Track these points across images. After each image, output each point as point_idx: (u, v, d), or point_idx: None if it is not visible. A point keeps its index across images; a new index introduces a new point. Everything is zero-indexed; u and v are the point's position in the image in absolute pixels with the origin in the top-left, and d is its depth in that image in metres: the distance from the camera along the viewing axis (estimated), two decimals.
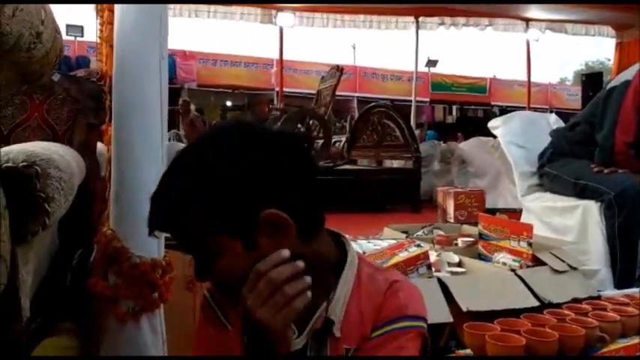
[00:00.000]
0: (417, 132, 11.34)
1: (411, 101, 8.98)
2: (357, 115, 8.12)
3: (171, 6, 7.06)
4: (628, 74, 2.41)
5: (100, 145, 1.55)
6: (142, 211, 0.99)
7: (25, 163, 0.99)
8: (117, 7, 0.98)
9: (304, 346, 0.78)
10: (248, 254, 0.72)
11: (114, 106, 0.99)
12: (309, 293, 0.69)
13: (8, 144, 1.24)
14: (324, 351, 0.78)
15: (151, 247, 0.99)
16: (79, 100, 1.61)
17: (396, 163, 6.72)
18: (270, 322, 0.67)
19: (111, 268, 0.95)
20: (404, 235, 2.42)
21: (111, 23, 1.03)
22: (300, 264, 0.69)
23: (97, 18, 1.18)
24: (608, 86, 2.48)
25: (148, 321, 0.97)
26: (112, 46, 1.01)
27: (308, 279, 0.69)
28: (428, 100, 14.92)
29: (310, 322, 0.78)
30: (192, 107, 9.47)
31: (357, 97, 13.73)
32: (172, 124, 11.31)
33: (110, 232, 0.96)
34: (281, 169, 0.74)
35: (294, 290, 0.68)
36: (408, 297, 0.82)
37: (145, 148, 0.98)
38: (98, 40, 1.15)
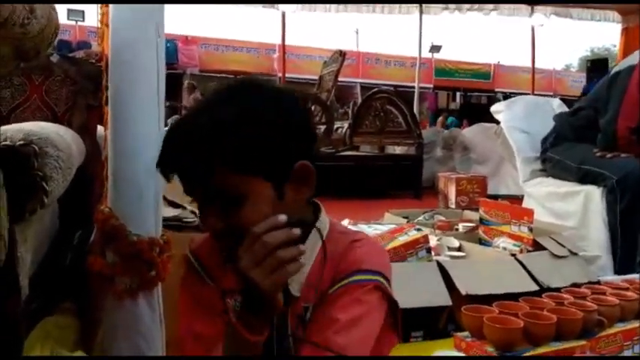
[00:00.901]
0: (439, 118, 11.33)
1: (414, 87, 8.92)
2: (359, 100, 8.07)
3: None
4: (632, 59, 2.39)
5: (100, 128, 1.55)
6: (139, 189, 1.00)
7: (22, 142, 0.99)
8: None
9: None
10: (275, 202, 0.76)
11: (110, 85, 0.98)
12: (302, 260, 0.71)
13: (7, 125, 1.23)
14: (285, 312, 0.80)
15: (149, 226, 0.99)
16: (77, 82, 1.61)
17: (398, 150, 6.71)
18: (261, 283, 0.69)
19: (109, 246, 0.95)
20: (405, 220, 2.42)
21: (108, 6, 1.02)
22: (297, 231, 0.70)
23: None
24: (613, 71, 2.47)
25: (145, 299, 0.98)
26: (107, 26, 1.00)
27: (302, 247, 0.71)
28: (431, 86, 14.83)
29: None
30: (197, 91, 9.46)
31: (360, 82, 13.66)
32: (174, 109, 11.31)
33: (107, 210, 0.96)
34: (309, 125, 0.82)
35: (287, 255, 0.69)
36: (366, 253, 0.84)
37: (143, 127, 0.97)
38: (98, 25, 1.13)
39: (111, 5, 1.01)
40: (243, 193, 0.74)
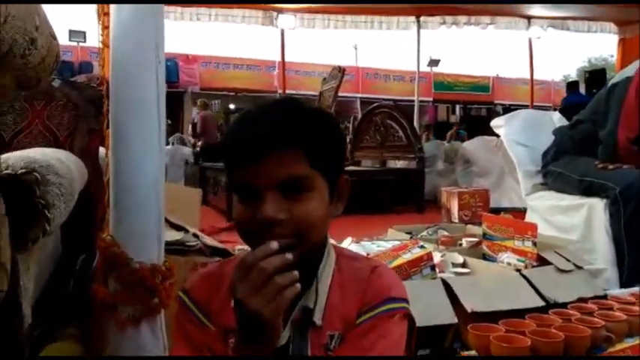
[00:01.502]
0: (450, 132, 11.36)
1: (414, 101, 8.96)
2: (359, 115, 8.10)
3: (173, 10, 7.09)
4: (629, 70, 2.40)
5: (102, 150, 1.56)
6: (141, 216, 1.00)
7: (24, 170, 0.99)
8: (112, 10, 0.98)
9: (287, 340, 0.79)
10: (325, 204, 0.78)
11: (111, 110, 0.99)
12: (298, 285, 0.70)
13: (9, 151, 1.23)
14: (305, 341, 0.79)
15: (151, 253, 0.99)
16: (79, 106, 1.62)
17: (399, 164, 6.71)
18: (262, 312, 0.67)
19: (111, 275, 0.94)
20: (408, 236, 2.41)
21: (108, 27, 1.02)
22: (289, 256, 0.69)
23: (98, 23, 1.18)
24: (610, 83, 2.48)
25: (148, 326, 0.97)
26: (108, 47, 1.00)
27: (296, 272, 0.70)
28: (431, 99, 14.88)
29: (292, 314, 0.79)
30: (210, 109, 9.55)
31: (360, 97, 13.73)
32: (176, 128, 11.36)
33: (109, 238, 0.96)
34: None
35: (285, 280, 0.68)
36: (391, 280, 0.84)
37: (143, 152, 0.97)
38: (100, 45, 1.14)
39: (111, 28, 1.02)
40: (314, 187, 0.76)
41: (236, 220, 0.78)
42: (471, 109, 16.35)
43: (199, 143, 8.75)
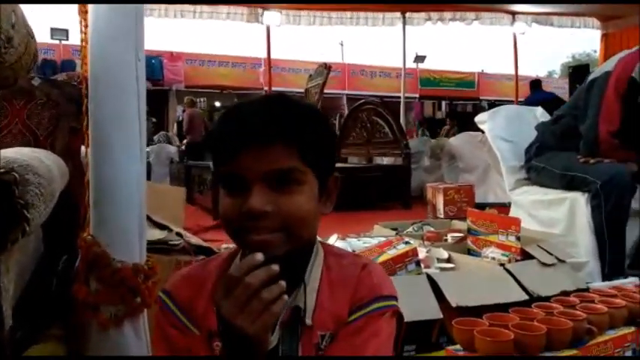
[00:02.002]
0: (446, 127, 11.38)
1: (400, 97, 8.98)
2: (346, 112, 8.12)
3: (157, 7, 7.02)
4: (608, 65, 2.43)
5: (84, 149, 1.54)
6: (122, 215, 0.99)
7: (2, 170, 0.97)
8: (90, 8, 0.97)
9: (277, 341, 0.77)
10: (315, 200, 0.77)
11: (90, 109, 0.98)
12: (285, 297, 0.67)
13: None
14: (295, 341, 0.77)
15: (133, 252, 0.98)
16: (60, 105, 1.60)
17: (386, 160, 6.73)
18: (249, 330, 0.65)
19: (92, 274, 0.93)
20: (394, 232, 2.42)
21: (87, 26, 1.01)
22: (275, 268, 0.67)
23: (79, 21, 1.16)
24: (589, 78, 2.51)
25: (131, 326, 0.96)
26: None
27: (283, 283, 0.67)
28: (417, 96, 14.94)
29: (280, 314, 0.77)
30: (197, 107, 9.49)
31: (346, 94, 13.73)
32: (161, 126, 11.28)
33: (90, 238, 0.95)
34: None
35: (271, 295, 0.66)
36: (380, 278, 0.83)
37: (123, 151, 0.96)
38: (82, 43, 1.13)
39: (90, 26, 1.00)
40: (304, 181, 0.75)
41: (222, 215, 0.77)
42: (457, 105, 16.44)
43: (185, 141, 8.70)
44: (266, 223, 0.73)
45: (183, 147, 8.58)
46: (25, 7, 0.85)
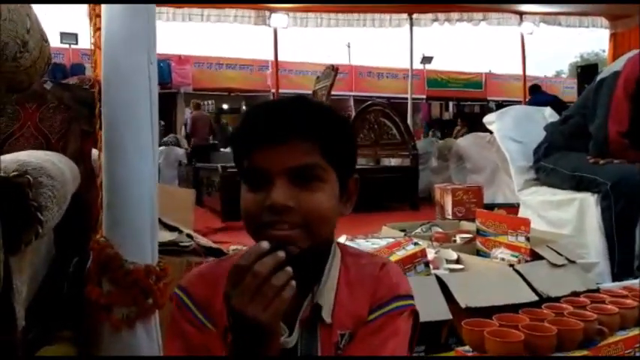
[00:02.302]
0: (457, 128, 11.34)
1: (407, 99, 8.97)
2: (353, 113, 8.12)
3: (165, 10, 7.06)
4: (617, 65, 2.42)
5: (95, 152, 1.55)
6: (134, 217, 1.00)
7: (16, 173, 0.98)
8: (104, 12, 0.98)
9: (296, 341, 0.77)
10: (335, 199, 0.78)
11: (103, 112, 0.99)
12: (293, 283, 0.67)
13: (1, 154, 1.23)
14: (314, 340, 0.78)
15: (145, 254, 0.99)
16: (71, 108, 1.61)
17: (393, 161, 6.73)
18: (261, 318, 0.65)
19: (104, 276, 0.94)
20: (402, 234, 2.42)
21: (100, 29, 1.02)
22: (282, 254, 0.67)
23: (90, 25, 1.18)
24: (598, 78, 2.50)
25: (143, 327, 0.97)
26: (100, 48, 1.00)
27: (289, 269, 0.67)
28: (424, 97, 14.92)
29: (300, 312, 0.78)
30: (203, 109, 9.55)
31: (354, 96, 13.73)
32: (170, 129, 11.33)
33: (103, 240, 0.96)
34: None
35: (280, 281, 0.66)
36: (399, 277, 0.84)
37: (136, 154, 0.97)
38: (92, 47, 1.14)
39: (102, 30, 1.01)
40: (325, 178, 0.76)
41: (244, 210, 0.77)
42: (465, 105, 16.40)
43: (189, 144, 8.76)
44: (287, 218, 0.73)
45: (189, 149, 8.63)
46: (36, 12, 0.86)
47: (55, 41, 10.33)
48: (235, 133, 0.81)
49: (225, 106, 14.00)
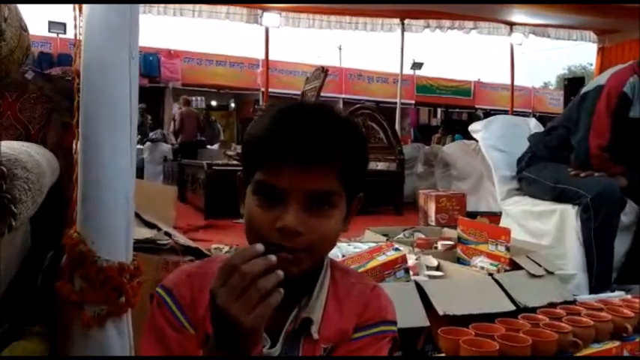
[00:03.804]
0: (436, 135, 11.45)
1: (396, 103, 9.00)
2: None
3: (156, 4, 7.00)
4: (601, 79, 2.45)
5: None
6: (110, 212, 0.98)
7: None
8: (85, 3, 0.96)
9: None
10: (342, 222, 0.78)
11: (81, 104, 0.97)
12: (281, 290, 0.66)
13: None
14: (296, 352, 0.77)
15: (119, 251, 0.97)
16: (53, 99, 1.58)
17: (380, 165, 6.74)
18: (244, 320, 0.63)
19: (76, 272, 0.93)
20: (384, 238, 2.42)
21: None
22: (273, 258, 0.65)
23: (75, 14, 1.16)
24: (582, 91, 2.53)
25: (114, 326, 0.95)
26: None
27: (280, 273, 0.65)
28: (413, 102, 14.99)
29: (286, 324, 0.77)
30: (192, 106, 9.49)
31: (343, 98, 13.75)
32: (157, 123, 11.23)
33: (76, 235, 0.94)
34: None
35: (268, 284, 0.64)
36: (387, 303, 0.84)
37: (113, 148, 0.95)
38: (78, 37, 1.12)
39: (84, 21, 0.99)
40: (337, 204, 0.76)
41: (251, 223, 0.75)
42: (453, 112, 16.51)
43: (176, 140, 8.70)
44: (294, 243, 0.73)
45: (176, 145, 8.56)
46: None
47: (42, 30, 10.19)
48: (254, 138, 0.77)
49: (213, 103, 13.92)
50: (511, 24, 8.36)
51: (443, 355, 1.39)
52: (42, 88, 1.61)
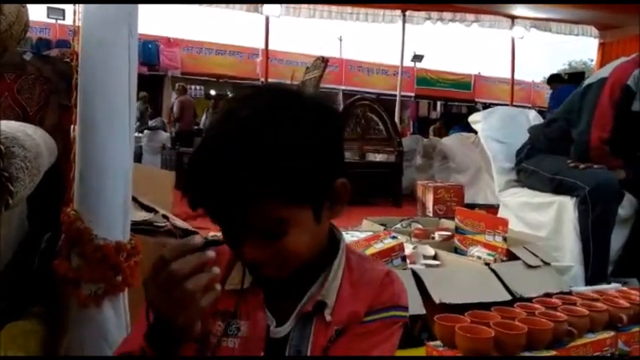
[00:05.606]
0: (433, 127, 11.41)
1: (395, 96, 8.99)
2: (341, 107, 8.11)
3: None
4: (604, 72, 2.44)
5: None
6: (107, 192, 0.98)
7: None
8: None
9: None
10: (309, 229, 0.72)
11: (80, 83, 0.96)
12: (218, 287, 0.63)
13: None
14: (307, 332, 0.77)
15: (116, 230, 0.97)
16: (51, 81, 1.57)
17: (378, 157, 6.74)
18: (174, 319, 0.62)
19: (74, 250, 0.93)
20: (382, 228, 2.42)
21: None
22: (211, 254, 0.62)
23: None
24: (585, 83, 2.52)
25: (111, 305, 0.95)
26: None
27: (216, 270, 0.62)
28: (413, 95, 14.95)
29: (299, 305, 0.77)
30: (188, 94, 9.46)
31: (343, 89, 13.70)
32: (156, 111, 11.20)
33: (73, 213, 0.94)
34: (341, 139, 0.78)
35: (196, 286, 0.60)
36: (400, 288, 0.83)
37: (111, 129, 0.95)
38: (77, 23, 1.11)
39: (83, 4, 0.99)
40: (287, 224, 0.69)
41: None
42: (452, 105, 16.48)
43: (174, 129, 8.70)
44: (265, 267, 0.72)
45: (174, 134, 8.56)
46: None
47: (42, 16, 10.12)
48: (188, 185, 0.71)
49: (212, 92, 13.87)
50: (513, 17, 8.33)
51: (437, 342, 1.40)
52: (40, 70, 1.59)
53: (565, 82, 7.07)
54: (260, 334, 0.76)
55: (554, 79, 7.33)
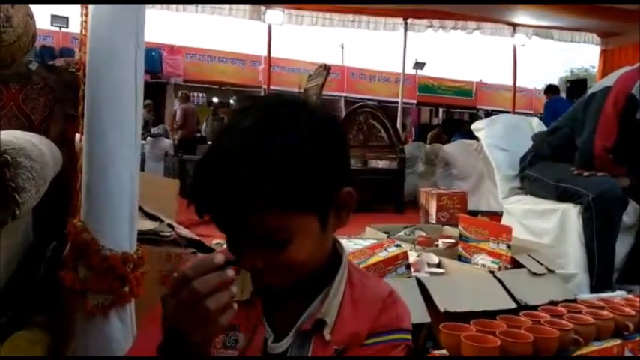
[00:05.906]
0: (432, 133, 11.37)
1: (397, 102, 9.00)
2: (343, 114, 8.12)
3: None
4: (608, 80, 2.44)
5: (77, 136, 1.53)
6: (114, 202, 0.98)
7: None
8: None
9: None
10: (319, 233, 0.73)
11: (87, 95, 0.97)
12: (235, 306, 0.63)
13: None
14: (305, 350, 0.76)
15: (123, 240, 0.97)
16: (56, 90, 1.58)
17: (381, 164, 6.74)
18: (190, 336, 0.62)
19: (81, 261, 0.93)
20: (385, 235, 2.42)
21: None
22: (230, 273, 0.62)
23: (81, 8, 1.16)
24: (589, 92, 2.52)
25: (117, 315, 0.95)
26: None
27: (234, 288, 0.63)
28: (415, 102, 14.98)
29: (298, 321, 0.76)
30: (190, 102, 9.51)
31: (345, 97, 13.74)
32: (158, 119, 11.23)
33: (80, 224, 0.94)
34: (346, 148, 0.78)
35: (216, 305, 0.61)
36: (403, 310, 0.82)
37: (118, 139, 0.96)
38: (82, 32, 1.12)
39: (90, 14, 1.00)
40: (291, 232, 0.70)
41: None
42: (454, 112, 16.50)
43: (176, 136, 8.72)
44: (266, 274, 0.72)
45: (176, 141, 8.58)
46: None
47: (45, 23, 10.17)
48: (193, 193, 0.73)
49: (215, 100, 13.91)
50: (514, 25, 8.35)
51: (443, 350, 1.39)
52: (46, 79, 1.61)
53: (559, 92, 7.15)
54: (257, 347, 0.75)
55: (549, 90, 7.37)
